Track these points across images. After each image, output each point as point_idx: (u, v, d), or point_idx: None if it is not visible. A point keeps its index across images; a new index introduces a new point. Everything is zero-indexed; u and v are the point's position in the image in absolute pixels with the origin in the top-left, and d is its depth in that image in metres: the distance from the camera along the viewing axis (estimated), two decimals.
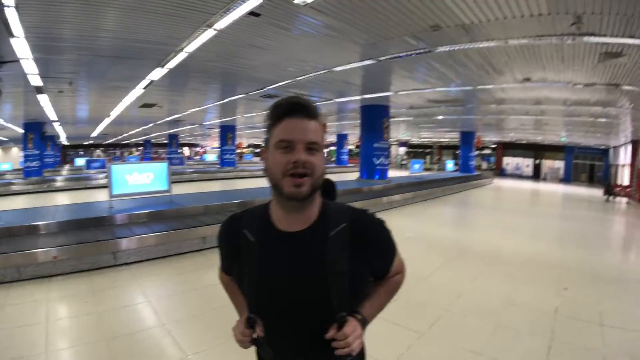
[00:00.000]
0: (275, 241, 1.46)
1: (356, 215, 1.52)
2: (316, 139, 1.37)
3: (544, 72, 10.32)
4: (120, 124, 27.01)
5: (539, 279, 6.94)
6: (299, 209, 1.43)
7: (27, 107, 16.60)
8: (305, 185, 1.34)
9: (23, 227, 7.58)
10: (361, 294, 1.51)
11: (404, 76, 11.71)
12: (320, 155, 1.39)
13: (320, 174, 1.39)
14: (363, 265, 1.46)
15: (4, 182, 20.25)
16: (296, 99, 1.40)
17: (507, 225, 12.35)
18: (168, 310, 5.30)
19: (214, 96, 16.38)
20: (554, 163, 40.15)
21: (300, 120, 1.36)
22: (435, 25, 6.96)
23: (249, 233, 1.50)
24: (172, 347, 4.30)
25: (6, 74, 9.09)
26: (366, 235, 1.48)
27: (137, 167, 10.60)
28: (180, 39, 7.88)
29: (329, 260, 1.39)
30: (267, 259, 1.44)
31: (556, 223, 13.53)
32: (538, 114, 18.55)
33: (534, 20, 6.60)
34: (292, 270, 1.41)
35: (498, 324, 5.02)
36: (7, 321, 4.89)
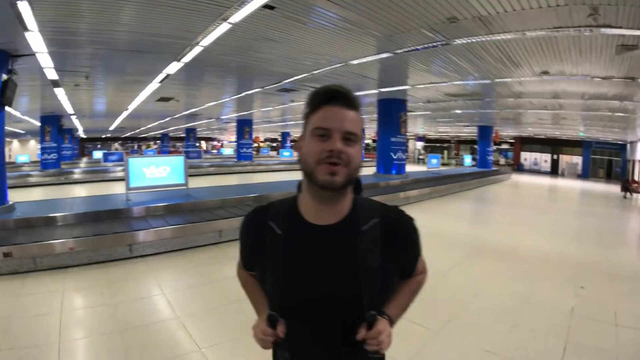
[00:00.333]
0: (304, 234, 1.40)
1: (388, 211, 1.47)
2: (354, 129, 1.31)
3: (562, 64, 10.13)
4: (137, 118, 27.18)
5: (556, 277, 6.85)
6: (331, 201, 1.37)
7: (44, 100, 16.71)
8: (340, 174, 1.27)
9: (40, 218, 7.69)
10: (390, 293, 1.48)
11: (421, 69, 11.60)
12: (358, 147, 1.33)
13: (356, 166, 1.32)
14: (393, 262, 1.41)
15: (22, 173, 20.54)
16: (336, 87, 1.33)
17: (525, 222, 12.24)
18: (183, 303, 5.33)
19: (231, 90, 16.34)
20: (572, 158, 39.57)
21: (339, 109, 1.30)
22: (453, 17, 6.85)
23: (275, 225, 1.43)
24: (185, 340, 4.31)
25: (22, 67, 9.13)
26: (397, 232, 1.43)
27: (154, 160, 10.67)
28: (196, 32, 7.84)
29: (361, 255, 1.33)
30: (294, 253, 1.37)
31: (574, 220, 13.36)
32: (556, 108, 18.26)
33: (551, 11, 6.46)
34: (322, 264, 1.34)
35: (514, 323, 4.96)
36: (22, 310, 4.97)
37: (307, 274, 1.35)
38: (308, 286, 1.35)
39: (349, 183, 1.33)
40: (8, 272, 6.20)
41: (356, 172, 1.34)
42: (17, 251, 6.27)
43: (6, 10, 6.14)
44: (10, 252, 6.20)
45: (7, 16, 6.41)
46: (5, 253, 6.17)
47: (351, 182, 1.34)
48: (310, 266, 1.35)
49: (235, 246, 5.61)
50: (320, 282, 1.33)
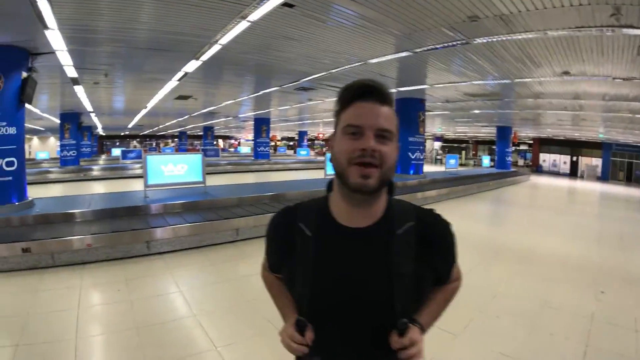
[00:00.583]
0: (336, 237, 1.33)
1: (423, 214, 1.41)
2: (388, 126, 1.23)
3: (583, 65, 9.95)
4: (155, 116, 27.34)
5: (575, 281, 6.72)
6: (364, 203, 1.30)
7: (64, 98, 16.84)
8: (373, 176, 1.20)
9: (58, 214, 7.78)
10: (423, 300, 1.41)
11: (440, 68, 11.48)
12: (393, 145, 1.25)
13: (391, 165, 1.25)
14: (428, 268, 1.34)
15: (41, 170, 20.77)
16: (368, 81, 1.27)
17: (544, 224, 12.05)
18: (199, 301, 5.32)
19: (248, 89, 16.33)
20: (592, 160, 38.85)
21: (372, 105, 1.23)
22: (474, 15, 6.74)
23: (304, 226, 1.37)
24: (201, 338, 4.30)
25: (42, 65, 9.21)
26: (433, 237, 1.36)
27: (172, 158, 10.74)
28: (214, 30, 7.83)
29: (395, 260, 1.27)
30: (325, 256, 1.31)
31: (593, 223, 13.08)
32: (576, 109, 17.93)
33: (574, 10, 6.33)
34: (354, 268, 1.28)
35: (533, 326, 4.87)
36: (39, 306, 5.01)
37: (338, 278, 1.29)
38: (339, 290, 1.28)
39: (383, 185, 1.27)
40: (27, 268, 6.27)
41: (391, 173, 1.27)
42: (35, 247, 6.33)
43: (26, 8, 6.18)
44: (29, 248, 6.26)
45: (27, 14, 6.45)
46: (24, 248, 6.24)
47: (385, 183, 1.28)
48: (342, 270, 1.29)
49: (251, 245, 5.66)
50: (351, 286, 1.27)
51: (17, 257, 6.24)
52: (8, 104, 8.08)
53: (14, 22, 6.98)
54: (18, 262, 6.25)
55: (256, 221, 8.60)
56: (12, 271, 6.19)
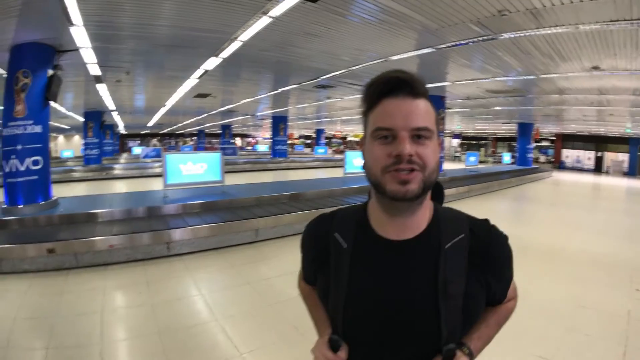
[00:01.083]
0: (375, 250, 1.18)
1: (477, 225, 1.22)
2: (425, 122, 1.06)
3: (615, 59, 9.70)
4: (175, 114, 27.48)
5: (608, 278, 6.52)
6: (406, 213, 1.14)
7: (87, 96, 16.97)
8: (414, 181, 1.05)
9: (81, 214, 7.78)
10: (472, 323, 1.21)
11: (463, 65, 11.29)
12: (433, 143, 1.09)
13: (434, 168, 1.08)
14: (480, 287, 1.17)
15: (66, 168, 20.94)
16: (396, 72, 1.08)
17: (570, 221, 11.77)
18: (221, 305, 5.23)
19: (267, 86, 16.29)
20: (617, 155, 38.19)
21: (403, 101, 1.06)
22: (504, 9, 6.55)
23: (340, 237, 1.23)
24: (225, 343, 4.19)
25: (67, 62, 9.23)
26: (488, 252, 1.18)
27: (191, 157, 10.65)
28: (236, 27, 7.76)
29: (443, 278, 1.10)
30: (362, 271, 1.17)
31: (622, 219, 12.79)
32: (603, 104, 17.61)
33: (610, 3, 6.13)
34: (394, 286, 1.13)
35: (567, 327, 4.71)
36: (66, 308, 4.97)
37: (375, 296, 1.14)
38: (376, 310, 1.13)
39: (427, 189, 1.10)
40: (52, 268, 6.26)
41: (434, 176, 1.10)
42: (60, 247, 6.32)
43: (54, 4, 6.20)
44: (54, 249, 6.25)
45: (54, 11, 6.48)
46: (50, 249, 6.23)
47: (429, 187, 1.10)
48: (381, 287, 1.14)
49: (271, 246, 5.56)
50: (391, 306, 1.12)
51: (43, 258, 6.23)
52: (34, 101, 8.10)
53: (42, 18, 7.03)
54: (44, 263, 6.24)
55: (275, 221, 8.51)
56: (39, 272, 6.17)
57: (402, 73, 1.08)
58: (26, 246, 6.20)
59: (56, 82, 8.38)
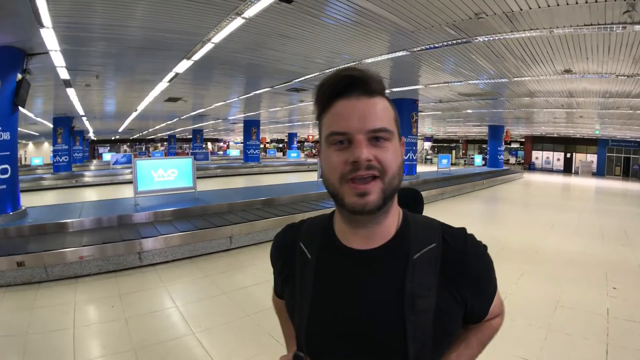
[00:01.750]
0: (338, 260, 1.07)
1: (451, 234, 1.08)
2: (383, 123, 0.97)
3: (587, 63, 9.86)
4: (145, 119, 27.21)
5: (584, 277, 6.65)
6: (369, 224, 1.03)
7: (57, 101, 16.61)
8: (373, 192, 0.94)
9: (50, 224, 7.49)
10: (446, 343, 1.07)
11: (436, 68, 11.34)
12: (394, 145, 0.99)
13: (395, 172, 0.98)
14: (455, 303, 1.03)
15: (35, 176, 20.50)
16: (348, 71, 0.98)
17: (544, 222, 11.90)
18: (197, 317, 5.03)
19: (239, 90, 16.15)
20: (586, 156, 39.34)
21: (357, 101, 0.97)
22: (480, 12, 6.56)
23: (305, 248, 1.14)
24: (203, 358, 4.02)
25: (36, 66, 8.99)
26: (464, 263, 1.04)
27: (162, 163, 10.43)
28: (208, 28, 7.60)
29: (410, 291, 0.98)
30: (326, 283, 1.07)
31: (595, 219, 12.95)
32: (573, 106, 17.96)
33: (585, 7, 6.21)
34: (357, 299, 1.01)
35: (549, 327, 4.73)
36: (37, 325, 4.74)
37: (338, 309, 1.03)
38: (339, 325, 1.02)
39: (388, 198, 0.99)
40: (22, 282, 6.01)
41: (396, 181, 0.99)
42: (30, 260, 6.04)
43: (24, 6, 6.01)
44: (23, 261, 5.98)
45: (24, 12, 6.27)
46: (19, 262, 5.95)
47: (391, 195, 0.99)
48: (344, 300, 1.03)
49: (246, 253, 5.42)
50: (353, 322, 1.01)
51: (13, 271, 5.96)
52: (2, 107, 7.78)
53: (12, 20, 6.79)
54: (14, 277, 5.97)
55: (250, 228, 8.36)
56: (9, 286, 5.91)
57: (355, 71, 0.99)
58: None
59: (25, 87, 8.10)
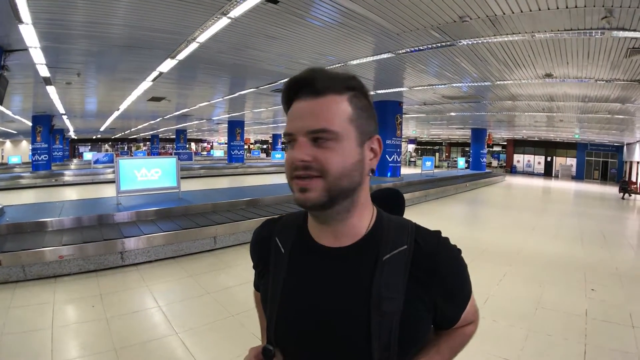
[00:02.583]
0: (308, 256, 1.09)
1: (423, 236, 1.06)
2: (322, 124, 0.95)
3: (567, 68, 10.04)
4: (128, 118, 27.02)
5: (564, 279, 6.76)
6: (332, 222, 1.04)
7: (36, 99, 16.43)
8: (313, 190, 0.95)
9: (29, 223, 7.34)
10: (413, 347, 1.05)
11: (421, 70, 11.41)
12: (340, 146, 0.96)
13: (341, 173, 0.96)
14: (424, 307, 1.02)
15: (13, 175, 20.24)
16: (303, 73, 1.00)
17: (525, 224, 12.04)
18: (180, 317, 4.98)
19: (224, 90, 16.12)
20: (566, 160, 39.90)
21: (304, 102, 0.98)
22: (465, 15, 6.63)
23: (280, 242, 1.15)
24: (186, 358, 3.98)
25: (15, 63, 8.88)
26: (435, 267, 1.02)
27: (145, 162, 10.31)
28: (193, 27, 7.57)
29: (378, 293, 0.97)
30: (296, 277, 1.08)
31: (574, 221, 13.15)
32: (554, 110, 18.24)
33: (565, 13, 6.35)
34: (325, 296, 1.02)
35: (529, 328, 4.79)
36: (13, 325, 4.63)
37: (306, 305, 1.04)
38: (304, 320, 1.04)
39: (335, 198, 0.98)
40: None
41: (344, 182, 0.98)
42: (6, 259, 5.91)
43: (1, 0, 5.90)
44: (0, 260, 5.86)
45: (2, 7, 6.17)
46: None
47: (337, 195, 0.98)
48: (312, 296, 1.04)
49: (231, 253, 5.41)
50: (319, 317, 1.01)
51: None
52: None
53: None
54: None
55: (234, 228, 8.31)
56: None
57: (306, 73, 1.00)
58: None
59: (2, 84, 7.99)
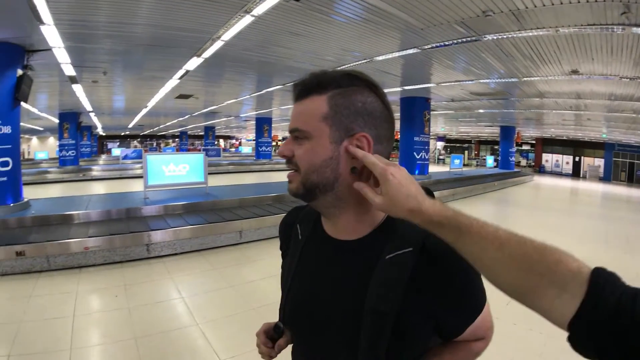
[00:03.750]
0: (319, 246, 1.17)
1: (432, 241, 0.95)
2: (298, 124, 1.03)
3: (592, 64, 9.82)
4: (156, 115, 27.23)
5: None
6: (326, 214, 1.13)
7: (62, 97, 16.67)
8: (294, 180, 1.06)
9: (54, 216, 7.56)
10: (407, 351, 1.01)
11: (447, 66, 11.27)
12: (311, 143, 1.01)
13: (310, 169, 1.01)
14: (420, 314, 0.99)
15: (40, 170, 20.64)
16: (302, 78, 1.09)
17: (551, 226, 11.79)
18: (202, 308, 5.07)
19: (250, 87, 16.14)
20: (594, 160, 38.78)
21: (297, 103, 1.08)
22: (487, 9, 6.53)
23: (300, 229, 1.25)
24: (205, 349, 4.05)
25: (39, 62, 9.02)
26: (441, 275, 0.98)
27: (173, 158, 10.49)
28: (217, 25, 7.60)
29: (373, 291, 0.97)
30: (306, 264, 1.17)
31: (600, 224, 12.87)
32: (581, 108, 17.87)
33: (587, 6, 6.22)
34: (324, 287, 1.09)
35: (549, 334, 4.56)
36: (33, 313, 4.78)
37: (308, 292, 1.14)
38: (307, 304, 1.14)
39: (309, 190, 1.03)
40: (21, 272, 6.06)
41: (314, 177, 1.02)
42: (30, 250, 6.10)
43: (21, 2, 5.98)
44: (23, 251, 6.04)
45: (22, 9, 6.25)
46: (18, 252, 6.01)
47: (311, 188, 1.03)
48: (313, 283, 1.14)
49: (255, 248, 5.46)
50: (317, 306, 1.10)
51: (10, 261, 6.02)
52: (2, 102, 7.87)
53: (8, 17, 6.77)
54: (12, 266, 6.03)
55: (259, 223, 8.39)
56: (5, 275, 5.97)
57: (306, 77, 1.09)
58: None
59: (26, 82, 8.16)
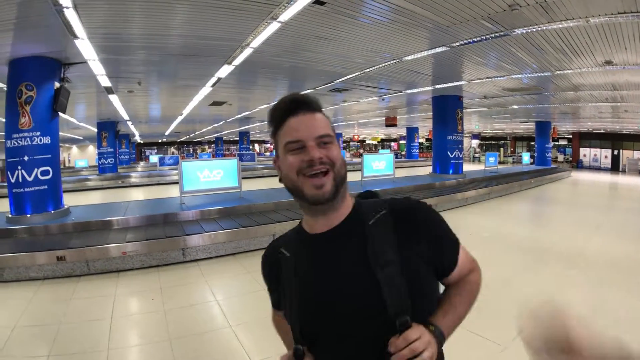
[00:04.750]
0: (309, 247, 1.27)
1: (396, 200, 1.30)
2: (326, 130, 1.21)
3: (626, 53, 9.53)
4: (191, 122, 27.68)
5: (629, 283, 6.15)
6: (327, 211, 1.24)
7: (100, 106, 17.15)
8: (327, 183, 1.17)
9: (93, 222, 7.83)
10: (423, 294, 1.19)
11: (478, 63, 11.14)
12: (335, 145, 1.23)
13: (341, 165, 1.21)
14: (418, 257, 1.19)
15: (80, 178, 21.29)
16: (293, 96, 1.26)
17: (590, 223, 11.37)
18: (236, 311, 5.18)
19: (282, 92, 16.05)
20: (633, 153, 36.99)
21: (304, 117, 1.22)
22: (514, 3, 6.43)
23: (285, 250, 1.34)
24: (237, 351, 4.14)
25: (75, 75, 9.31)
26: (412, 219, 1.23)
27: (207, 164, 10.67)
28: (246, 33, 7.72)
29: (372, 250, 1.16)
30: (305, 272, 1.25)
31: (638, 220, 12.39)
32: (618, 100, 17.33)
33: None
34: (333, 274, 1.19)
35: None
36: (73, 315, 4.97)
37: (320, 290, 1.20)
38: (325, 304, 1.18)
39: (340, 184, 1.21)
40: (62, 276, 6.33)
41: (343, 171, 1.23)
42: (70, 255, 6.35)
43: (54, 18, 6.21)
44: (63, 256, 6.30)
45: (56, 24, 6.49)
46: (59, 257, 6.28)
47: (341, 181, 1.22)
48: (323, 280, 1.20)
49: None
50: (336, 294, 1.17)
51: (52, 265, 6.29)
52: (41, 114, 8.21)
53: (43, 32, 7.05)
54: (53, 270, 6.30)
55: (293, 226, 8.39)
56: (47, 279, 6.23)
57: (299, 95, 1.26)
58: (34, 254, 6.26)
59: (64, 94, 8.48)
